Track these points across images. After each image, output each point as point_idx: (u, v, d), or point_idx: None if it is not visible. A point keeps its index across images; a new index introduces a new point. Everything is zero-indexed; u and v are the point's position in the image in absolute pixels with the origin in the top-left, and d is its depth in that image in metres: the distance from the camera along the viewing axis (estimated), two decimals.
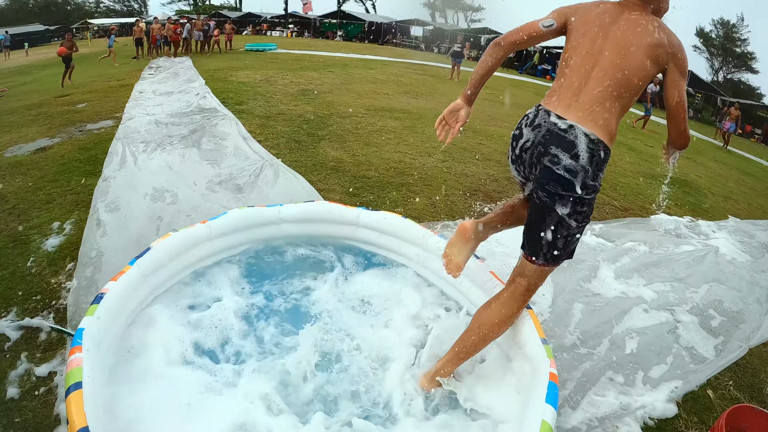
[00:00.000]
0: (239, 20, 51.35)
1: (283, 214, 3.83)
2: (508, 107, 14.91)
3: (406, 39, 49.03)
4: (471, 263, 3.35)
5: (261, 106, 9.75)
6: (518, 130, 2.72)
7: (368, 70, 18.65)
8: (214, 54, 22.71)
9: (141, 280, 3.04)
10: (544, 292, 4.26)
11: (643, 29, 2.46)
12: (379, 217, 3.85)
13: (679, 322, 4.33)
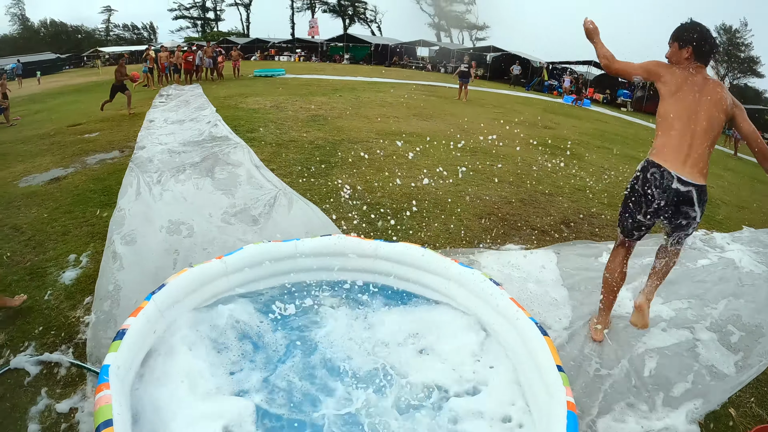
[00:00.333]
0: (247, 46, 51.84)
1: (300, 249, 3.78)
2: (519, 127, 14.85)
3: (413, 60, 49.28)
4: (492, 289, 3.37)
5: (272, 134, 9.77)
6: (649, 189, 3.48)
7: (377, 93, 18.68)
8: (225, 81, 22.77)
9: (158, 316, 3.03)
10: (560, 316, 4.18)
11: (719, 95, 3.43)
12: (398, 249, 3.80)
13: (698, 340, 4.23)
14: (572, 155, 11.36)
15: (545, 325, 3.91)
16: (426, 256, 3.71)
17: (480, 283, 3.41)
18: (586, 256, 5.46)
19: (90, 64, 49.39)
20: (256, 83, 21.23)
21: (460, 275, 3.52)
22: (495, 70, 44.11)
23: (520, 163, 9.47)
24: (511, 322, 3.14)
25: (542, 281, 4.71)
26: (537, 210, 6.80)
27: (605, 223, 6.73)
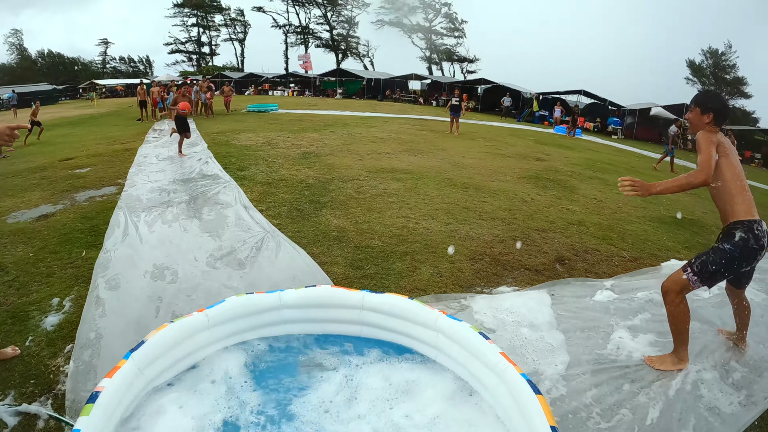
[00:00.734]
0: (241, 81, 52.17)
1: (284, 300, 3.64)
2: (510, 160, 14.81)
3: (405, 94, 49.56)
4: (481, 344, 3.22)
5: (263, 172, 9.68)
6: (759, 245, 3.77)
7: (369, 129, 18.67)
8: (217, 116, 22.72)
9: (137, 374, 2.90)
10: (557, 362, 3.99)
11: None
12: (384, 300, 3.66)
13: (701, 381, 4.03)
14: (565, 187, 11.29)
15: (539, 373, 3.76)
16: (412, 308, 3.56)
17: (469, 336, 3.25)
18: (581, 296, 5.31)
19: (86, 96, 49.56)
20: (249, 119, 21.27)
21: (449, 328, 3.36)
22: (486, 102, 44.42)
23: (512, 197, 9.38)
24: (502, 380, 2.98)
25: (536, 325, 4.55)
26: (530, 248, 6.67)
27: (600, 259, 6.60)
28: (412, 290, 4.93)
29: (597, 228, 8.06)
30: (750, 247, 3.73)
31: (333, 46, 71.41)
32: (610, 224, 8.45)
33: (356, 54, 72.35)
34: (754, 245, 3.72)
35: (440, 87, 47.76)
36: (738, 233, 3.77)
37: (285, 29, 70.85)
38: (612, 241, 7.48)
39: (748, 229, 3.74)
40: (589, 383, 3.78)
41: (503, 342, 4.15)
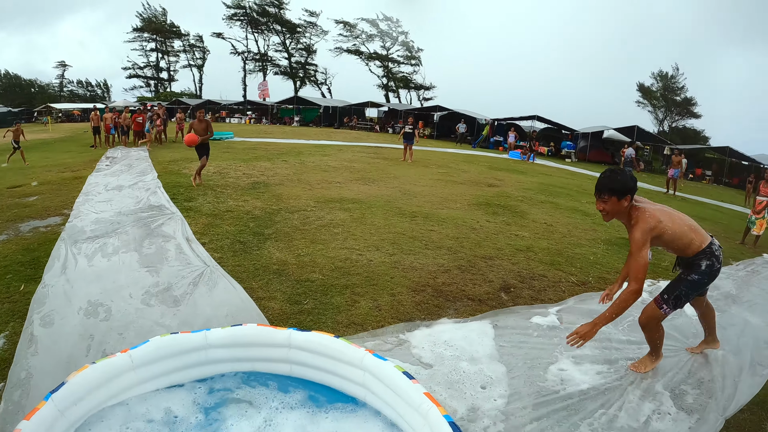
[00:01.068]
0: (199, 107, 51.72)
1: (210, 340, 3.55)
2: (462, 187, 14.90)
3: (361, 121, 49.75)
4: (404, 384, 3.15)
5: (210, 203, 9.55)
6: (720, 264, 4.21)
7: (322, 157, 18.64)
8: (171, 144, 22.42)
9: (57, 416, 2.82)
10: (496, 396, 3.93)
11: None
12: (310, 339, 3.59)
13: (655, 408, 4.04)
14: (515, 213, 11.41)
15: (476, 408, 3.71)
16: (338, 347, 3.50)
17: (393, 376, 3.21)
18: (524, 326, 5.29)
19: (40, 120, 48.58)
20: None
21: (374, 367, 3.31)
22: (442, 129, 44.85)
23: (460, 225, 9.42)
24: (427, 421, 2.93)
25: (476, 358, 4.50)
26: (475, 277, 6.66)
27: (547, 285, 6.65)
28: (349, 325, 4.87)
29: (545, 253, 8.13)
30: (715, 270, 4.18)
31: (291, 74, 71.51)
32: (558, 249, 8.53)
33: (314, 81, 72.59)
34: (717, 266, 4.17)
35: (397, 114, 48.09)
36: (703, 262, 4.16)
37: (244, 56, 70.78)
38: (560, 266, 7.54)
39: (710, 254, 4.14)
40: (529, 417, 3.71)
41: (441, 377, 4.11)
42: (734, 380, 4.69)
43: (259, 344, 3.65)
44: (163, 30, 70.14)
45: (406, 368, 4.03)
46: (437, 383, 4.02)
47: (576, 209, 13.16)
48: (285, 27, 70.02)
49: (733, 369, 4.92)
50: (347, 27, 69.00)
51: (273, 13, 69.00)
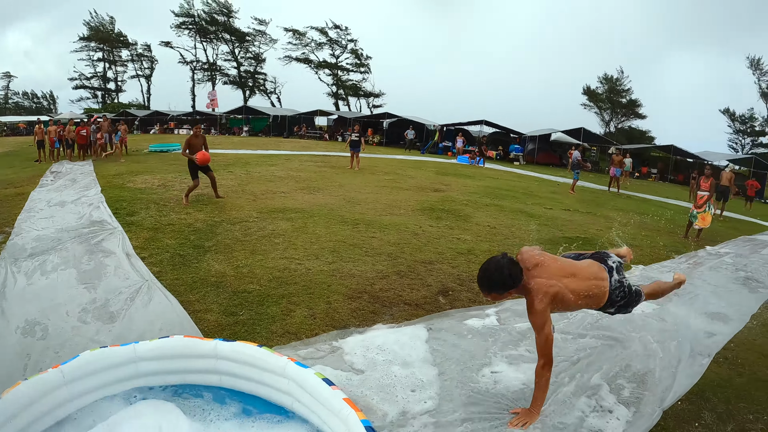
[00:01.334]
0: (147, 119, 50.96)
1: (138, 352, 3.63)
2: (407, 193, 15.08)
3: (311, 130, 49.67)
4: (324, 391, 3.26)
5: (152, 216, 9.52)
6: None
7: (269, 167, 18.61)
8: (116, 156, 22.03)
9: None
10: (425, 398, 4.01)
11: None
12: (234, 348, 3.68)
13: (591, 404, 4.16)
14: (459, 217, 11.66)
15: (406, 412, 3.78)
16: (261, 355, 3.61)
17: (313, 383, 3.33)
18: (458, 331, 5.38)
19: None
20: (150, 159, 20.78)
21: (296, 375, 3.43)
22: (391, 136, 45.07)
23: (402, 231, 9.59)
24: (347, 427, 3.03)
25: (409, 363, 4.59)
26: (414, 282, 6.83)
27: None
28: (284, 335, 4.95)
29: (486, 255, 8.20)
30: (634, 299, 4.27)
31: (240, 83, 70.87)
32: (500, 250, 8.67)
33: (263, 91, 72.09)
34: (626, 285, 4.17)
35: (346, 122, 48.20)
36: (609, 310, 4.24)
37: (192, 66, 69.84)
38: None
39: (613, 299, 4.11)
40: (460, 418, 3.76)
41: (372, 382, 4.18)
42: (672, 371, 4.86)
43: (186, 356, 3.72)
44: (110, 39, 68.52)
45: (338, 375, 4.19)
46: (369, 388, 4.08)
47: (521, 211, 13.48)
48: (234, 36, 69.26)
49: (672, 360, 5.12)
50: (296, 35, 68.78)
51: (222, 21, 68.22)
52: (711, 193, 12.63)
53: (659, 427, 3.94)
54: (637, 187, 28.82)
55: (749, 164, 39.70)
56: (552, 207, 15.32)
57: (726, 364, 5.30)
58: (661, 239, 11.96)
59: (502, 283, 3.66)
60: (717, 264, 10.16)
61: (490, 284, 3.69)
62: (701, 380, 4.81)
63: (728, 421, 4.16)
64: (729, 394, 4.62)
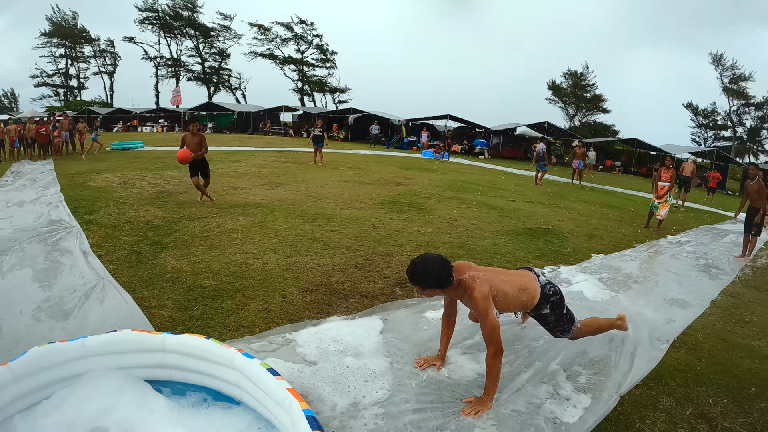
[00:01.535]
0: (110, 116, 50.15)
1: (87, 347, 3.64)
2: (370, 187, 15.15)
3: (276, 126, 49.37)
4: (269, 381, 3.30)
5: (111, 215, 9.44)
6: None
7: (231, 164, 18.55)
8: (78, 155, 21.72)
9: None
10: (377, 389, 4.01)
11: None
12: (182, 341, 3.72)
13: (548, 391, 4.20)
14: (420, 210, 11.78)
15: (357, 403, 3.78)
16: (209, 347, 3.64)
17: (259, 373, 3.38)
18: (414, 321, 5.42)
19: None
20: (112, 157, 20.52)
21: (243, 366, 3.47)
22: (357, 131, 45.05)
23: (362, 224, 9.67)
24: (290, 416, 3.05)
25: (362, 353, 4.59)
26: (371, 274, 6.90)
27: None
28: (237, 328, 4.95)
29: (446, 247, 8.43)
30: (558, 298, 4.41)
31: (205, 79, 69.96)
32: (460, 242, 8.85)
33: (228, 87, 71.29)
34: (558, 295, 4.42)
35: (311, 118, 48.07)
36: (546, 307, 4.36)
37: (156, 62, 68.60)
38: (460, 258, 7.68)
39: (547, 297, 4.33)
40: (412, 408, 3.76)
41: (324, 373, 4.17)
42: (630, 357, 4.94)
43: (135, 350, 3.74)
44: (73, 35, 66.90)
45: (290, 367, 4.20)
46: (320, 379, 4.07)
47: (484, 203, 13.64)
48: (198, 31, 68.06)
49: (630, 346, 5.20)
50: (261, 30, 68.05)
51: (186, 16, 67.02)
52: (672, 184, 12.98)
53: (617, 412, 3.97)
54: (601, 179, 29.28)
55: (711, 157, 40.78)
56: (515, 199, 15.51)
57: (685, 349, 5.41)
58: (623, 229, 12.24)
59: (438, 278, 3.72)
60: (678, 252, 10.46)
61: (427, 278, 3.73)
62: (660, 365, 4.90)
63: (687, 405, 4.22)
64: (688, 379, 4.70)
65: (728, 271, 9.31)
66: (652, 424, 3.87)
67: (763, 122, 57.49)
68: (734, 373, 4.97)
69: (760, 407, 4.34)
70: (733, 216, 14.34)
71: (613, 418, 3.90)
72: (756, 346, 5.77)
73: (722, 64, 57.85)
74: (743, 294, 7.92)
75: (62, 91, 69.44)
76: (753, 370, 5.08)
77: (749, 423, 4.06)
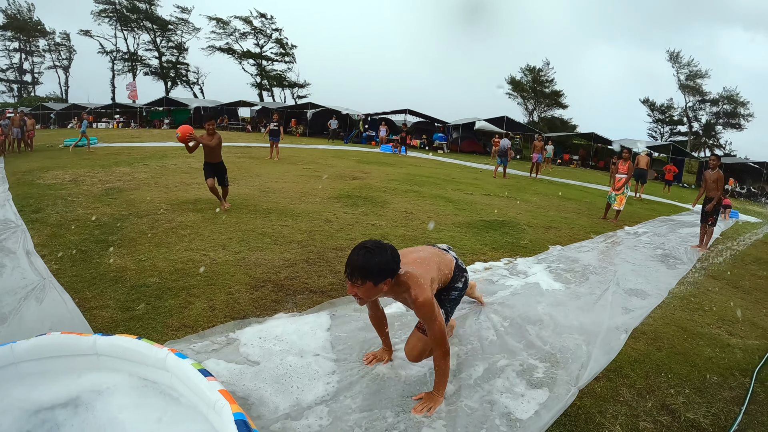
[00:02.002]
0: (64, 112, 48.97)
1: (16, 353, 3.47)
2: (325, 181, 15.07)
3: (233, 122, 48.80)
4: (200, 382, 3.19)
5: (58, 213, 9.13)
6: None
7: (186, 160, 18.17)
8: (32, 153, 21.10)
9: None
10: (321, 389, 3.88)
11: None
12: (113, 342, 3.57)
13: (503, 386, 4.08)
14: (375, 203, 11.76)
15: (300, 402, 3.66)
16: (141, 348, 3.51)
17: (190, 374, 3.26)
18: (363, 318, 5.22)
19: None
20: (65, 154, 19.87)
21: (175, 367, 3.36)
22: (315, 126, 44.90)
23: (315, 219, 9.59)
24: (221, 419, 2.92)
25: (307, 352, 4.45)
26: (321, 269, 6.81)
27: None
28: (180, 328, 4.79)
29: (401, 240, 8.41)
30: (466, 279, 4.32)
31: (162, 74, 68.75)
32: (415, 235, 8.85)
33: (186, 82, 70.17)
34: (466, 275, 4.36)
35: (269, 113, 47.66)
36: (460, 282, 4.21)
37: (112, 55, 67.17)
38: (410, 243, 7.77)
39: (461, 271, 4.29)
40: (358, 407, 3.65)
41: (267, 373, 4.03)
42: (588, 348, 4.91)
43: (66, 354, 3.59)
44: (27, 28, 65.09)
45: (231, 368, 4.05)
46: (263, 380, 3.92)
47: (440, 196, 13.70)
48: (156, 24, 66.83)
49: (588, 337, 5.20)
50: (220, 24, 67.10)
51: (143, 9, 65.71)
52: (629, 176, 13.23)
53: (576, 407, 3.87)
54: (559, 172, 29.73)
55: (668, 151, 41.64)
56: (473, 192, 15.63)
57: (644, 339, 5.43)
58: (580, 221, 12.40)
59: (384, 267, 3.29)
60: (635, 243, 10.68)
61: (370, 267, 3.23)
62: (619, 356, 4.88)
63: (648, 396, 4.19)
64: (648, 369, 4.70)
65: (686, 261, 9.55)
66: (613, 418, 3.79)
67: (718, 118, 59.11)
68: (695, 362, 5.00)
69: (723, 396, 4.36)
70: (691, 205, 14.70)
71: (572, 414, 3.79)
72: (716, 335, 5.85)
73: (679, 62, 59.38)
74: (701, 283, 8.11)
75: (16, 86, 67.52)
76: (714, 359, 5.13)
77: (713, 413, 4.04)
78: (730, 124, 58.55)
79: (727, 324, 6.29)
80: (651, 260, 9.22)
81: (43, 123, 44.69)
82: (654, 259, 9.36)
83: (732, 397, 4.39)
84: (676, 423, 3.84)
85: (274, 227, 8.78)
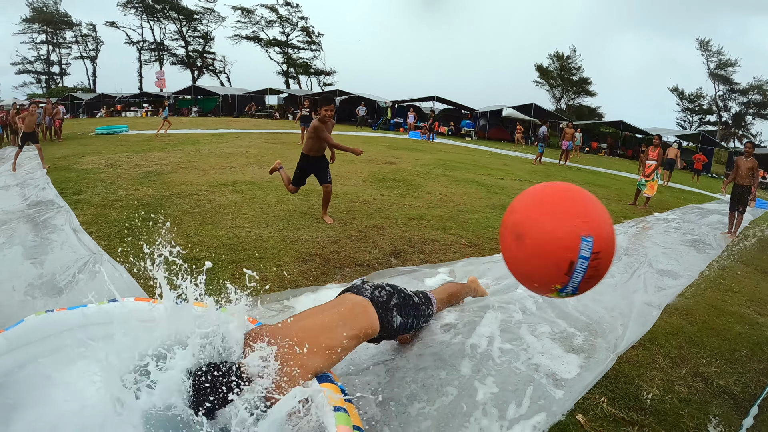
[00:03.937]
0: (93, 102, 49.51)
1: (88, 317, 3.55)
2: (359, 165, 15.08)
3: (261, 109, 49.01)
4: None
5: (99, 194, 9.32)
6: None
7: (218, 145, 18.38)
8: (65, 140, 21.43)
9: None
10: (377, 351, 4.04)
11: None
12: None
13: (536, 348, 4.25)
14: (410, 186, 11.79)
15: (357, 363, 3.81)
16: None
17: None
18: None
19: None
20: (96, 141, 20.14)
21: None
22: (343, 113, 44.83)
23: (353, 199, 9.67)
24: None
25: None
26: (365, 245, 6.89)
27: (437, 248, 6.96)
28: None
29: (438, 220, 8.46)
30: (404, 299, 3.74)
31: (188, 63, 69.10)
32: (451, 216, 8.89)
33: (212, 70, 70.44)
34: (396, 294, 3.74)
35: (297, 100, 47.77)
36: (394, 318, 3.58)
37: (139, 46, 67.61)
38: (452, 230, 7.85)
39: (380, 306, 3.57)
40: (412, 367, 3.79)
41: None
42: (623, 322, 5.03)
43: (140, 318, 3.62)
44: (54, 20, 65.68)
45: None
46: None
47: (472, 180, 13.67)
48: (181, 14, 66.96)
49: (623, 310, 5.32)
50: (245, 13, 67.26)
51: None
52: (659, 162, 13.09)
53: (615, 370, 4.08)
54: (587, 160, 29.44)
55: (697, 140, 40.93)
56: (503, 177, 15.57)
57: (677, 315, 5.54)
58: (610, 206, 12.26)
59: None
60: (665, 228, 10.61)
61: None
62: (653, 329, 5.02)
63: (682, 364, 4.36)
64: (681, 341, 4.84)
65: (715, 246, 9.55)
66: (651, 382, 4.00)
67: (747, 108, 57.84)
68: (726, 336, 5.12)
69: (753, 368, 4.49)
70: (722, 188, 14.46)
71: (612, 376, 3.99)
72: (745, 314, 5.93)
73: (708, 50, 58.10)
74: (731, 267, 8.12)
75: (44, 77, 68.27)
76: (743, 335, 5.24)
77: (743, 382, 4.20)
78: (761, 114, 57.33)
79: (755, 304, 6.34)
80: (681, 244, 9.20)
81: (72, 112, 45.18)
82: (684, 243, 9.34)
83: (761, 368, 4.54)
84: (709, 389, 4.04)
85: (313, 207, 8.86)
